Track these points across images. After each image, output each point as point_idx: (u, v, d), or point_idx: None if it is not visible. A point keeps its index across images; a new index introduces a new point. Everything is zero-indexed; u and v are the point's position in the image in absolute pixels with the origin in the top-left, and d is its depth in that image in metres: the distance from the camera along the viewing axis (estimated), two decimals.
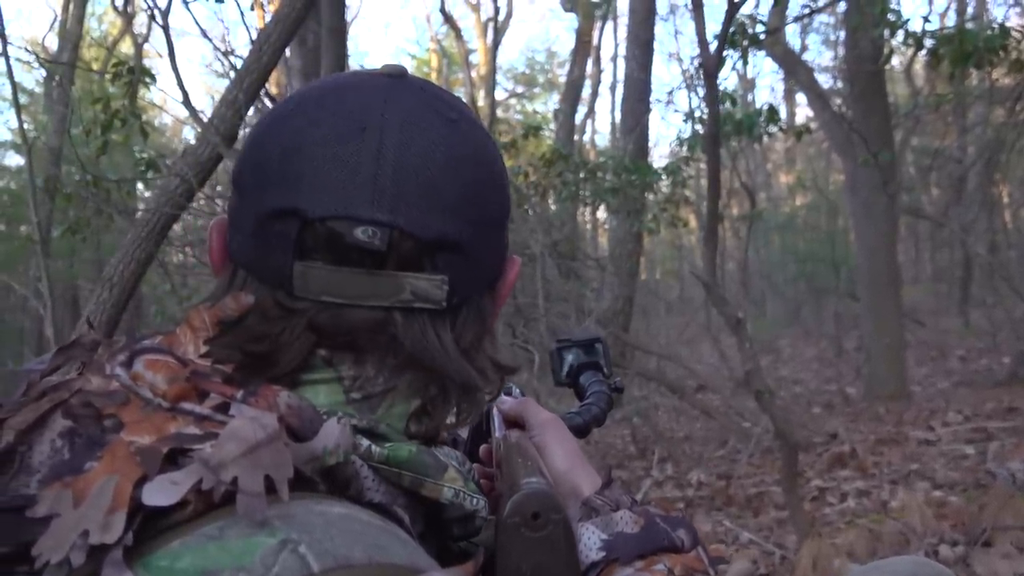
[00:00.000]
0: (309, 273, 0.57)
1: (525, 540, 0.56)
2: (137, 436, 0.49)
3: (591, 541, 0.62)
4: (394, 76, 0.62)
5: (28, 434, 0.50)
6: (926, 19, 3.58)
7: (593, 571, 0.61)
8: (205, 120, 3.05)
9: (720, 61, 2.94)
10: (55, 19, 8.40)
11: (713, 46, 2.90)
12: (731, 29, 2.99)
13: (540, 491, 0.58)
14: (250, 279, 0.60)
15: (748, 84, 16.51)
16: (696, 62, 6.10)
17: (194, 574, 0.43)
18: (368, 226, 0.56)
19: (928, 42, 3.40)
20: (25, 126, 4.09)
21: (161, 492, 0.46)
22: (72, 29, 8.35)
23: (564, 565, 0.57)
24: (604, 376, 1.03)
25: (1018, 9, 9.76)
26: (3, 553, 0.45)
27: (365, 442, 0.56)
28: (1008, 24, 3.61)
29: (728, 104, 4.24)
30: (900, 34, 3.51)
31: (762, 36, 3.41)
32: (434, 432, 0.62)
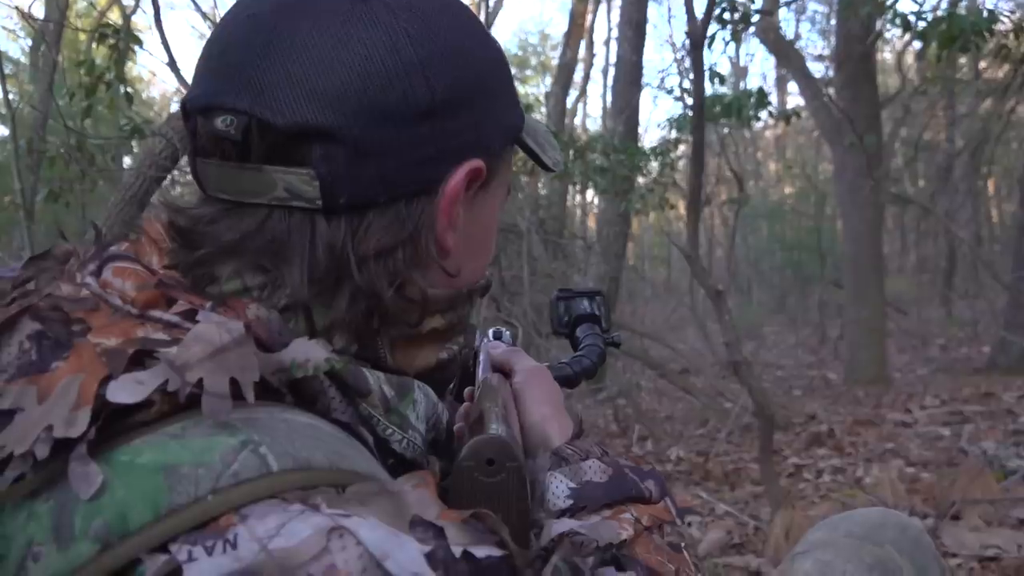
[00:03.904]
0: (206, 169, 0.57)
1: (477, 484, 0.57)
2: (104, 339, 0.49)
3: (559, 489, 0.63)
4: None
5: None
6: (920, 3, 3.59)
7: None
8: (189, 83, 3.03)
9: (707, 28, 2.94)
10: None
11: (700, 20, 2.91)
12: (721, 5, 3.00)
13: (496, 438, 0.58)
14: None
15: (740, 71, 16.47)
16: (687, 42, 6.10)
17: (154, 469, 0.44)
18: (227, 115, 0.53)
19: (918, 24, 3.42)
20: (10, 95, 4.04)
21: (126, 390, 0.46)
22: None
23: (515, 513, 0.57)
24: (601, 330, 1.04)
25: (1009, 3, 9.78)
26: None
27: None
28: (996, 10, 3.63)
29: (716, 82, 4.24)
30: (889, 15, 3.52)
31: (753, 16, 3.41)
32: (370, 355, 0.59)
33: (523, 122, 0.66)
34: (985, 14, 3.43)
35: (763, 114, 4.58)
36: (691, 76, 6.62)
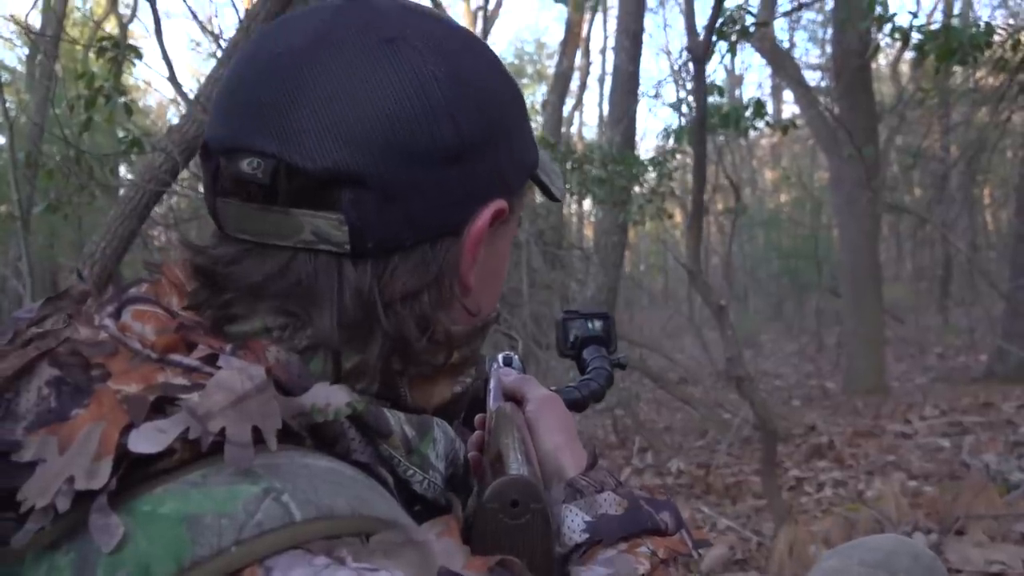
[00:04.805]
0: (226, 209, 0.56)
1: (501, 525, 0.56)
2: (124, 385, 0.49)
3: (575, 523, 0.62)
4: None
5: (14, 381, 0.49)
6: (914, 15, 3.61)
7: (577, 553, 0.61)
8: (190, 97, 3.02)
9: (708, 47, 2.95)
10: None
11: (702, 36, 2.92)
12: (720, 19, 3.01)
13: (520, 479, 0.58)
14: None
15: (736, 80, 16.54)
16: (684, 53, 6.12)
17: (176, 519, 0.43)
18: (254, 157, 0.53)
19: (915, 37, 3.43)
20: (7, 104, 4.03)
21: (147, 440, 0.45)
22: (56, 6, 8.23)
23: (540, 554, 0.57)
24: (608, 352, 1.04)
25: (1003, 10, 9.85)
26: None
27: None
28: (993, 23, 3.65)
29: (716, 95, 4.25)
30: (887, 28, 3.54)
31: (751, 27, 3.42)
32: (390, 394, 0.59)
33: (538, 157, 0.66)
34: (982, 27, 3.45)
35: (760, 123, 4.59)
36: (688, 87, 6.64)
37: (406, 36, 0.55)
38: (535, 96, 20.16)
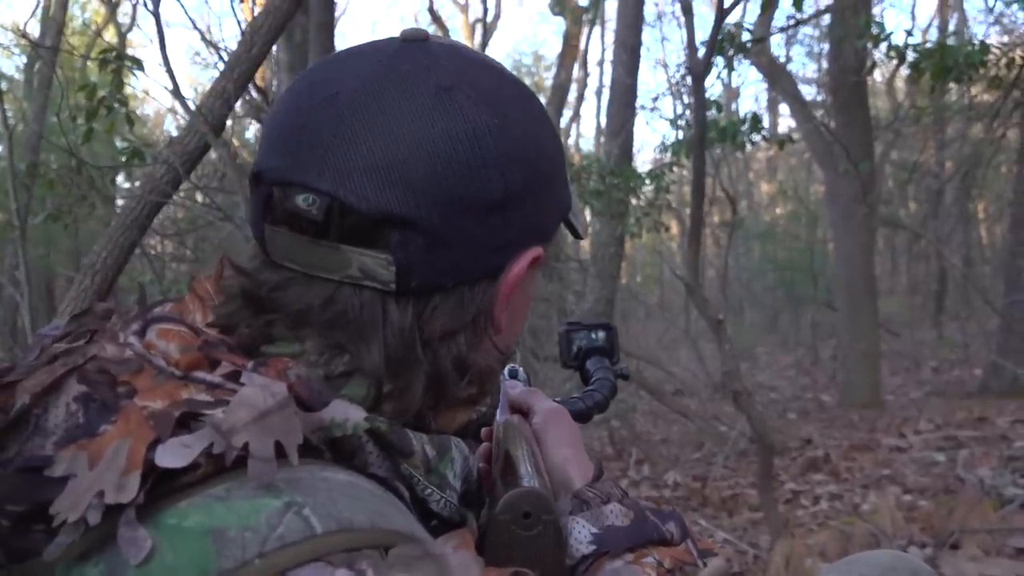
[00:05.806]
0: (275, 237, 0.58)
1: (514, 537, 0.58)
2: (150, 401, 0.50)
3: (581, 535, 0.63)
4: (409, 40, 0.60)
5: (43, 397, 0.51)
6: (909, 33, 3.65)
7: (584, 564, 0.62)
8: (192, 109, 3.04)
9: (708, 64, 2.98)
10: (38, 5, 8.28)
11: (701, 52, 2.95)
12: (719, 36, 3.04)
13: (532, 491, 0.59)
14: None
15: (732, 94, 16.61)
16: (683, 68, 6.16)
17: (201, 532, 0.44)
18: (309, 194, 0.55)
19: (910, 55, 3.47)
20: (6, 113, 4.04)
21: (174, 455, 0.47)
22: (55, 15, 8.26)
23: (552, 564, 0.58)
24: (611, 362, 1.05)
25: (998, 28, 9.94)
26: (21, 512, 0.46)
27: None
28: (988, 41, 3.69)
29: (713, 111, 4.28)
30: (883, 46, 3.58)
31: (749, 44, 3.46)
32: (416, 421, 0.60)
33: (571, 200, 0.68)
34: (977, 45, 3.49)
35: (756, 138, 4.62)
36: (686, 100, 6.66)
37: (461, 85, 0.57)
38: None
